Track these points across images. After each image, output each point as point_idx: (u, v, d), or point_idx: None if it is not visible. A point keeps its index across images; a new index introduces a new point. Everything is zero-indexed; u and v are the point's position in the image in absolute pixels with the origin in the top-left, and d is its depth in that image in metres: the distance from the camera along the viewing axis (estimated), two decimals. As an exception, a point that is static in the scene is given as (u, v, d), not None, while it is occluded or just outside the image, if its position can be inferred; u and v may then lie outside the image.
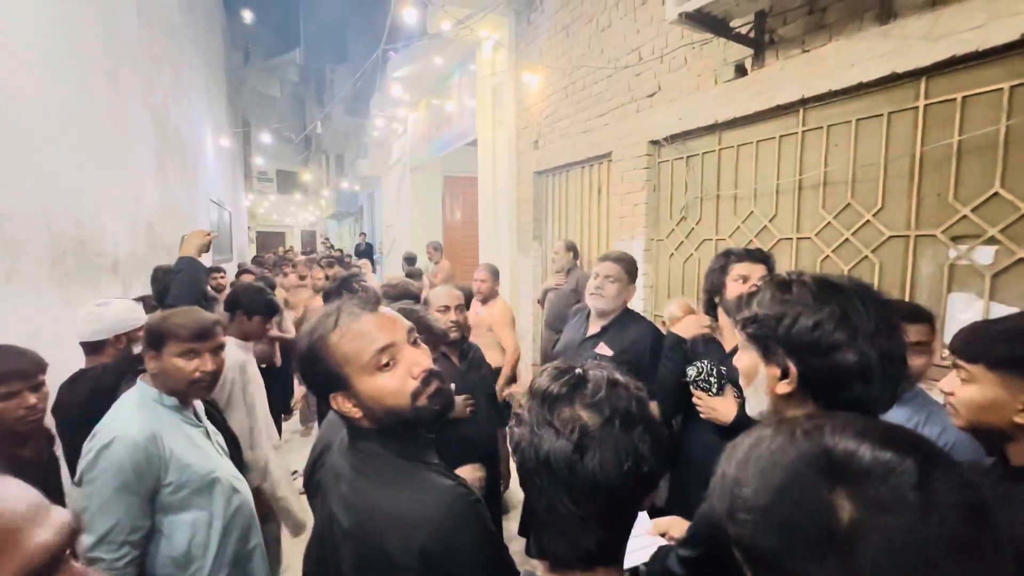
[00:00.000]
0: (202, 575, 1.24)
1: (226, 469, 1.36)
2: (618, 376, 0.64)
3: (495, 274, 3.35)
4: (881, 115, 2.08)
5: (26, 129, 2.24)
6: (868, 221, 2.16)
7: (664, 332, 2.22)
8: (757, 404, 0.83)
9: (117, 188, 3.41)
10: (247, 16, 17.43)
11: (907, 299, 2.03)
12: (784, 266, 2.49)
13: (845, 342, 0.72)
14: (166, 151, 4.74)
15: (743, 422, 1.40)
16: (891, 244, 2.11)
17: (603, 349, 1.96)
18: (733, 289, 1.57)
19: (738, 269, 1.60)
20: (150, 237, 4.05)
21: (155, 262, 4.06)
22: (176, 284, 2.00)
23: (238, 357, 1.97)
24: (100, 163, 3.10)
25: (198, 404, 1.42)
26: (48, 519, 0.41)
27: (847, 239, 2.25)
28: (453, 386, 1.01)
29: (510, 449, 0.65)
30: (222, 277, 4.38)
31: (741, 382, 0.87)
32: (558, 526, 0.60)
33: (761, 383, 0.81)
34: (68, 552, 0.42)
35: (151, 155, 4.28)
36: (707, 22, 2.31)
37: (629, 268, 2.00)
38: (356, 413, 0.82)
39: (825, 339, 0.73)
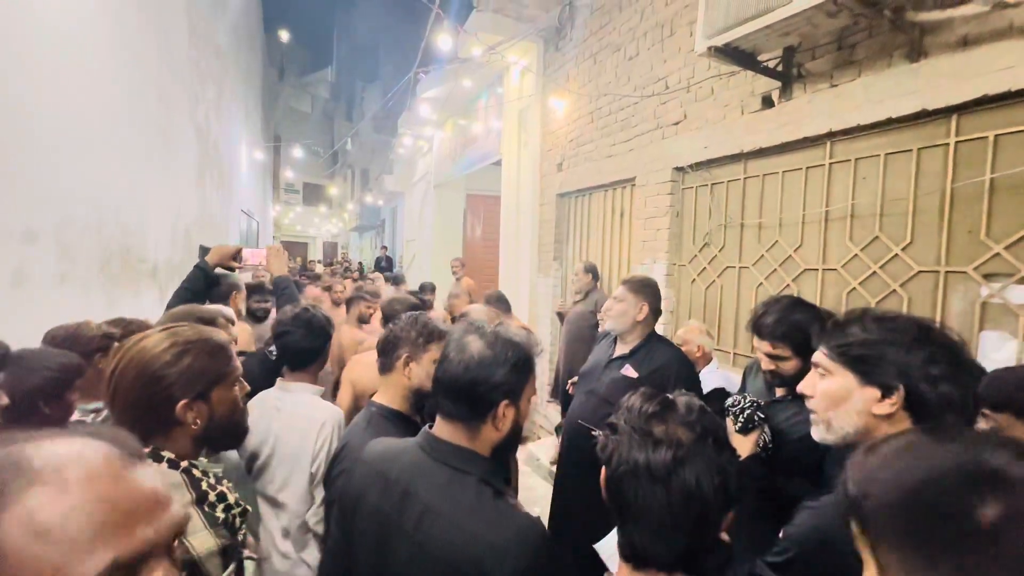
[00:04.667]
0: None
1: None
2: (705, 406, 0.72)
3: (499, 302, 3.26)
4: (910, 150, 2.09)
5: (86, 142, 2.40)
6: (897, 255, 2.15)
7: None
8: (843, 426, 0.89)
9: (161, 198, 3.58)
10: (284, 35, 18.17)
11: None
12: (809, 297, 2.47)
13: (951, 376, 0.80)
14: (205, 164, 4.96)
15: (749, 467, 1.38)
16: (920, 279, 2.09)
17: (628, 371, 1.95)
18: None
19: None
20: (187, 245, 4.22)
21: (189, 269, 4.22)
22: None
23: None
24: (148, 174, 3.27)
25: None
26: (176, 498, 0.47)
27: (875, 272, 2.23)
28: None
29: (600, 455, 0.73)
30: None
31: (817, 404, 0.93)
32: (652, 526, 0.67)
33: (855, 404, 0.87)
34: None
35: (192, 167, 4.49)
36: (735, 56, 2.36)
37: (635, 288, 2.01)
38: (507, 426, 0.90)
39: (938, 370, 0.81)
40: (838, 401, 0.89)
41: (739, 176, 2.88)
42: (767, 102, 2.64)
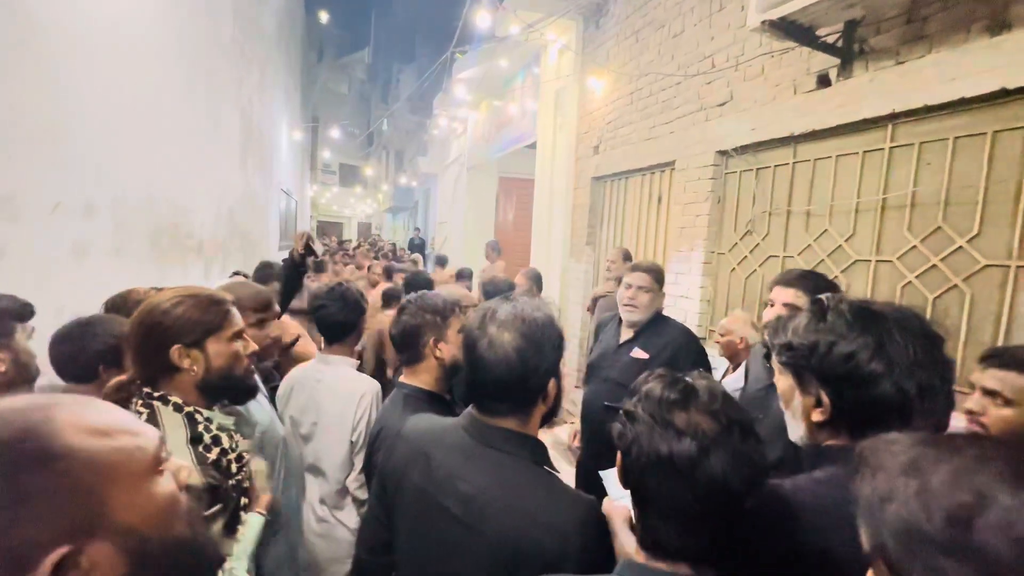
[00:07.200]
0: None
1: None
2: (727, 390, 0.69)
3: (534, 279, 3.32)
4: (985, 133, 1.92)
5: (140, 123, 2.50)
6: (961, 247, 2.00)
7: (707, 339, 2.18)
8: (796, 428, 0.84)
9: (207, 178, 3.71)
10: (323, 17, 18.35)
11: (1004, 335, 1.86)
12: (860, 289, 2.34)
13: (881, 374, 0.71)
14: (248, 145, 5.10)
15: None
16: (987, 274, 1.94)
17: (639, 353, 1.99)
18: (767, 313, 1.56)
19: (772, 294, 1.58)
20: (230, 223, 4.38)
21: (232, 246, 4.38)
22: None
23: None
24: (195, 155, 3.39)
25: None
26: (146, 431, 0.52)
27: (934, 265, 2.09)
28: None
29: (616, 442, 0.70)
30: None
31: (782, 405, 0.88)
32: (676, 519, 0.65)
33: (797, 409, 0.82)
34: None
35: (236, 148, 4.63)
36: (791, 31, 2.22)
37: (659, 276, 2.07)
38: (553, 396, 0.91)
39: (860, 371, 0.72)
40: (787, 402, 0.84)
41: (788, 160, 2.73)
42: (823, 81, 2.47)
